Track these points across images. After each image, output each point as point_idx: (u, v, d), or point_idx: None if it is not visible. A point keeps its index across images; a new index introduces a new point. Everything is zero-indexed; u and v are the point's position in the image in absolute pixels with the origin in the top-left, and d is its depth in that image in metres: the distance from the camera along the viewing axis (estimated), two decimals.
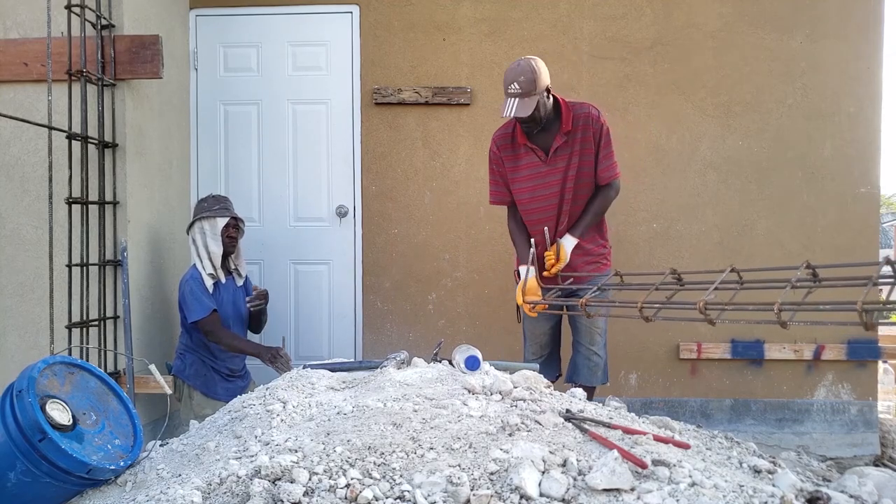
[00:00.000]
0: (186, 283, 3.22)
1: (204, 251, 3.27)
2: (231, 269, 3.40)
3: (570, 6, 3.83)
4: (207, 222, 3.27)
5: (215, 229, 3.27)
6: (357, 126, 3.92)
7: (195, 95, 3.97)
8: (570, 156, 2.89)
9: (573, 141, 2.88)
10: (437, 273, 3.87)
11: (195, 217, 3.31)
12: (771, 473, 1.88)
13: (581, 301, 2.12)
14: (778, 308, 1.79)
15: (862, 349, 3.72)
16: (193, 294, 3.19)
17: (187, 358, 3.29)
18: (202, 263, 3.26)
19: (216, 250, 3.26)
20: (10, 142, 3.19)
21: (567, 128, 2.86)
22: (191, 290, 3.19)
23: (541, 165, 2.93)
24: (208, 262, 3.26)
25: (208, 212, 3.29)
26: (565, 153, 2.89)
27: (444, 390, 2.10)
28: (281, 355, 3.14)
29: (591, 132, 2.87)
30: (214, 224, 3.27)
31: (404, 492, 1.55)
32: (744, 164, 3.77)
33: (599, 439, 1.78)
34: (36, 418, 1.73)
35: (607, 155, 2.90)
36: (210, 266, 3.26)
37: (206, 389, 3.30)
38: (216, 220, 3.27)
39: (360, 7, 3.89)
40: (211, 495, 1.62)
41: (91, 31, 3.06)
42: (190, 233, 3.32)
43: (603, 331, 3.00)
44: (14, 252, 3.18)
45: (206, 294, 3.21)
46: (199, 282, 3.22)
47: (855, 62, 3.74)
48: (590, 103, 2.94)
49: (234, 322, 3.38)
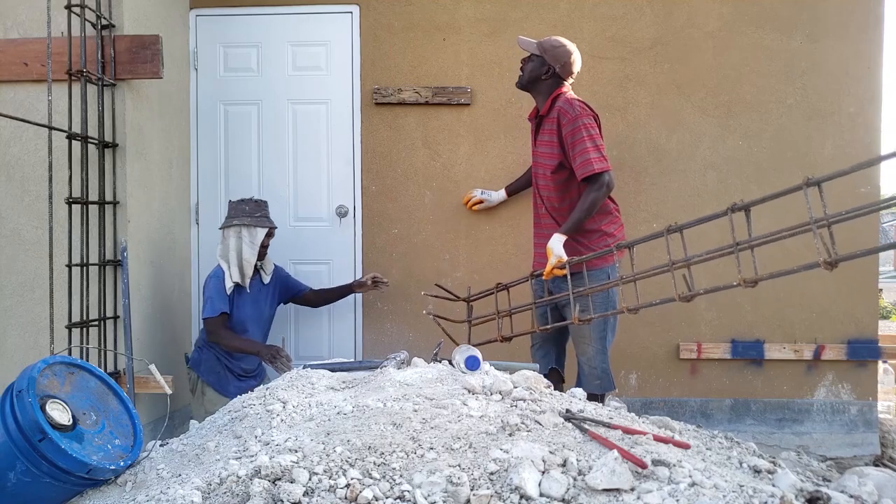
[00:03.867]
0: (209, 279, 3.29)
1: (235, 256, 3.29)
2: (258, 269, 3.43)
3: (570, 6, 3.83)
4: (247, 230, 3.29)
5: (254, 238, 3.29)
6: (357, 126, 3.91)
7: (195, 95, 3.96)
8: (543, 143, 3.00)
9: (546, 129, 2.97)
10: (437, 273, 3.87)
11: (234, 221, 3.31)
12: (771, 473, 1.88)
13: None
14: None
15: (862, 349, 3.72)
16: (210, 292, 3.25)
17: (204, 353, 3.34)
18: (229, 270, 3.28)
19: (251, 259, 3.29)
20: (10, 142, 3.18)
21: (542, 112, 2.99)
22: (209, 288, 3.26)
23: (533, 145, 3.11)
24: (236, 269, 3.29)
25: (250, 218, 3.30)
26: (543, 140, 3.00)
27: (444, 390, 2.10)
28: (281, 355, 3.14)
29: (559, 125, 2.90)
30: (254, 233, 3.30)
31: (404, 492, 1.55)
32: (744, 164, 3.77)
33: (599, 439, 1.78)
34: (36, 418, 1.73)
35: (581, 151, 2.83)
36: (238, 274, 3.29)
37: (218, 386, 3.33)
38: (256, 231, 3.30)
39: (360, 7, 3.89)
40: (211, 495, 1.62)
41: (91, 31, 3.06)
42: (225, 232, 3.33)
43: (593, 339, 2.93)
44: (14, 252, 3.18)
45: (221, 295, 3.25)
46: (220, 280, 3.27)
47: (855, 62, 3.74)
48: (578, 101, 2.94)
49: (253, 322, 3.39)
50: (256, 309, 3.41)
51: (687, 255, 2.39)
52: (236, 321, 3.35)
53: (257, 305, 3.41)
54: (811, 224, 2.06)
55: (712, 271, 2.80)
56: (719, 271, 2.94)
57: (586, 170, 2.82)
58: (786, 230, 2.16)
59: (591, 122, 2.88)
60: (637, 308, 2.54)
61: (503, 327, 3.12)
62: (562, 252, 2.80)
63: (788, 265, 2.18)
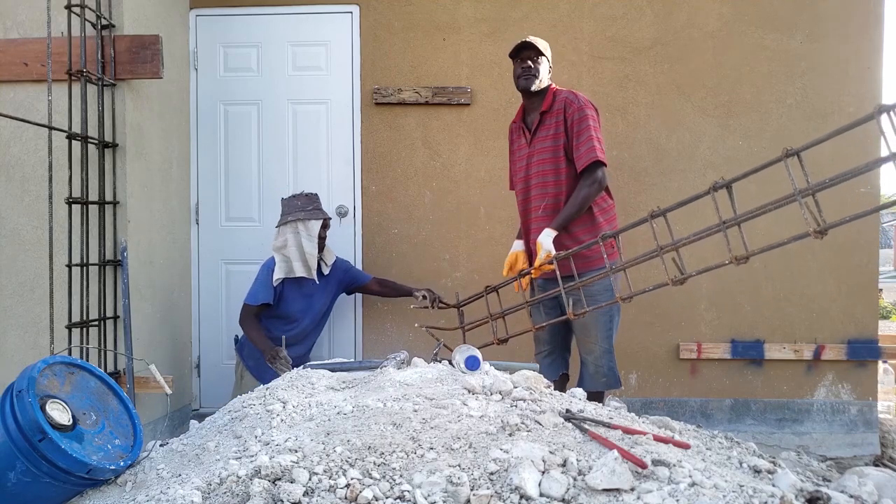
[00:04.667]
0: (262, 268, 3.41)
1: (297, 252, 3.35)
2: (319, 261, 3.47)
3: (570, 6, 3.83)
4: (303, 224, 3.35)
5: (311, 231, 3.35)
6: (357, 126, 3.91)
7: (195, 95, 3.97)
8: (545, 139, 2.93)
9: (550, 124, 2.92)
10: (437, 273, 3.87)
11: (289, 217, 3.38)
12: (771, 473, 1.88)
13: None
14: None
15: (862, 349, 3.73)
16: (258, 281, 3.36)
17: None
18: (292, 265, 3.34)
19: (312, 251, 3.35)
20: (10, 142, 3.18)
21: (544, 108, 2.93)
22: (259, 276, 3.38)
23: (525, 147, 3.02)
24: (300, 263, 3.35)
25: (303, 212, 3.36)
26: (543, 136, 2.94)
27: (444, 390, 2.10)
28: (281, 356, 3.16)
29: (566, 115, 2.86)
30: (310, 227, 3.36)
31: (404, 492, 1.55)
32: (744, 164, 3.74)
33: (599, 439, 1.78)
34: (36, 418, 1.73)
35: (587, 139, 2.81)
36: (302, 268, 3.35)
37: (256, 372, 3.41)
38: (311, 224, 3.35)
39: (360, 7, 3.89)
40: (211, 495, 1.62)
41: (91, 31, 3.06)
42: (281, 230, 3.39)
43: (600, 338, 2.92)
44: (14, 252, 3.18)
45: (267, 286, 3.34)
46: (270, 271, 3.36)
47: (855, 62, 3.74)
48: (578, 92, 2.95)
49: (304, 314, 3.45)
50: (308, 301, 3.45)
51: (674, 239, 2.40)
52: (285, 313, 3.41)
53: (310, 298, 3.45)
54: (795, 194, 2.07)
55: (709, 259, 2.79)
56: (716, 258, 2.93)
57: (590, 157, 2.79)
58: (771, 203, 2.17)
59: (595, 115, 2.90)
60: (630, 296, 2.54)
61: (498, 329, 3.11)
62: (551, 247, 2.78)
63: (785, 253, 2.19)
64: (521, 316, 3.16)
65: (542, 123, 2.95)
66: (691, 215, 3.79)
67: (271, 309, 3.41)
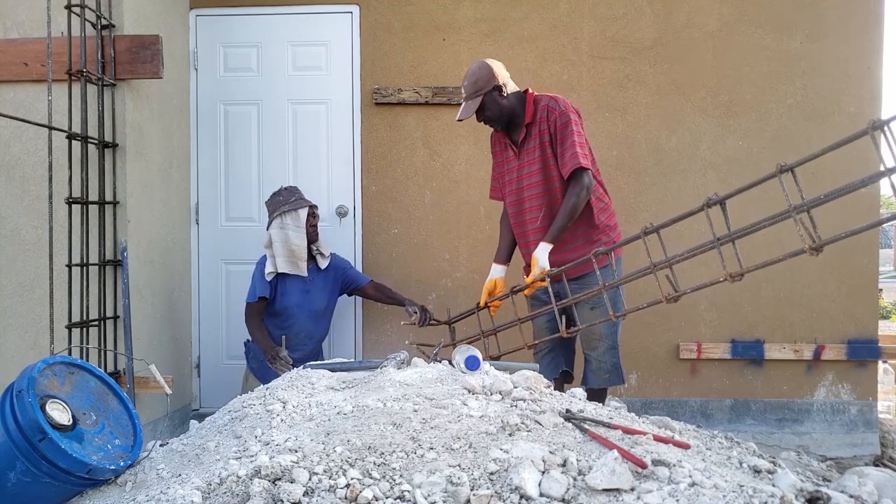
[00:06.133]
0: (256, 265, 3.41)
1: (283, 248, 3.32)
2: (314, 254, 3.45)
3: (570, 6, 3.83)
4: (289, 216, 3.34)
5: (298, 221, 3.34)
6: (357, 126, 3.91)
7: (195, 95, 3.96)
8: (533, 150, 2.88)
9: (535, 134, 2.86)
10: (437, 273, 3.87)
11: (275, 213, 3.36)
12: (771, 473, 1.88)
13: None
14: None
15: (862, 349, 3.73)
16: (253, 277, 3.37)
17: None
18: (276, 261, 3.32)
19: (300, 242, 3.32)
20: (10, 142, 3.18)
21: (528, 120, 2.87)
22: (253, 274, 3.38)
23: (514, 160, 2.98)
24: (283, 259, 3.31)
25: (287, 205, 3.35)
26: (531, 147, 2.89)
27: (444, 390, 2.09)
28: (280, 357, 3.16)
29: (549, 122, 2.82)
30: (297, 216, 3.34)
31: (404, 492, 1.55)
32: (744, 164, 3.77)
33: (599, 439, 1.78)
34: (36, 418, 1.73)
35: (570, 145, 2.75)
36: (287, 264, 3.32)
37: (259, 374, 3.39)
38: (298, 212, 3.34)
39: (360, 7, 3.89)
40: (211, 495, 1.62)
41: (91, 31, 3.06)
42: (270, 230, 3.38)
43: (605, 336, 2.89)
44: (14, 252, 3.18)
45: (261, 281, 3.34)
46: (262, 266, 3.37)
47: (855, 62, 3.74)
48: (558, 96, 2.89)
49: (301, 310, 3.41)
50: (306, 297, 3.41)
51: (668, 256, 2.39)
52: (280, 308, 3.39)
53: (307, 294, 3.42)
54: (790, 211, 2.06)
55: (712, 271, 2.79)
56: (716, 270, 2.93)
57: (574, 163, 2.74)
58: (765, 220, 2.16)
59: (578, 119, 2.85)
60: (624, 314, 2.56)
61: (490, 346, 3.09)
62: (546, 263, 2.74)
63: (783, 264, 2.18)
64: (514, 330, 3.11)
65: (529, 135, 2.89)
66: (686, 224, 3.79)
67: (269, 305, 3.40)
